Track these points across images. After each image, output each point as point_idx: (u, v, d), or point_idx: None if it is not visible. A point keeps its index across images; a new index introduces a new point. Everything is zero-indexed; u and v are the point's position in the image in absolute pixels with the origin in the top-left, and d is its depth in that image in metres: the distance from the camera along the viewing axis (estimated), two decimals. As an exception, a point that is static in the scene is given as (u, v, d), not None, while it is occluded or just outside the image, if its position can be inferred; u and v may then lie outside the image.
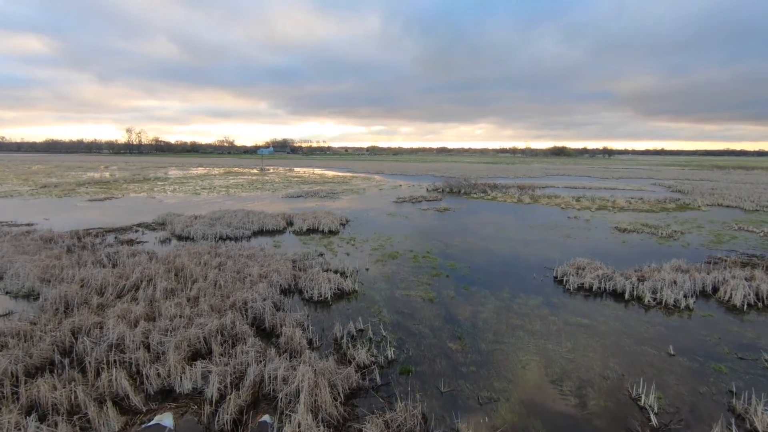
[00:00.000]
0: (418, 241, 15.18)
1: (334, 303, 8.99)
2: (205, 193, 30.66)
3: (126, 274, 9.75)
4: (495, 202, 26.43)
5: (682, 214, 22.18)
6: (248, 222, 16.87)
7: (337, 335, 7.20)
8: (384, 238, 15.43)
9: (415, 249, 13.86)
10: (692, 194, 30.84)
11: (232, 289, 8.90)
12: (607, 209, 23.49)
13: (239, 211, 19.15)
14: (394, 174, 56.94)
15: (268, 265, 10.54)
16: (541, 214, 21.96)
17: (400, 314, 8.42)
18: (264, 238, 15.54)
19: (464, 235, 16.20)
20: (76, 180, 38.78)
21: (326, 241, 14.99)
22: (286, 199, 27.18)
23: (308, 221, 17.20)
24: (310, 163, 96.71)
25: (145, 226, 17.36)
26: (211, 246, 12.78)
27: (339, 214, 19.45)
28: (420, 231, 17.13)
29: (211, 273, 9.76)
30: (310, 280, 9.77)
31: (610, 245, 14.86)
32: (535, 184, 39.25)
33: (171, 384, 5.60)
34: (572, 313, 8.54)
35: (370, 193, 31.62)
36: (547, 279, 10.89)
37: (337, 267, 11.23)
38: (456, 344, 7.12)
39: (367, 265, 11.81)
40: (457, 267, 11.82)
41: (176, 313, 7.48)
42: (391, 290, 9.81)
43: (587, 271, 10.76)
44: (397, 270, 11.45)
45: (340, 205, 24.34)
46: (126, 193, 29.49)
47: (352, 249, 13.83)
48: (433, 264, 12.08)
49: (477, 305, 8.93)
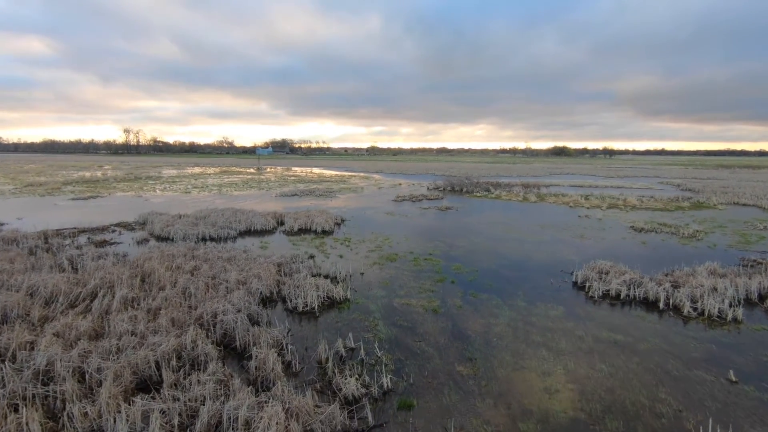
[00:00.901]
0: (419, 241, 13.90)
1: (322, 314, 7.71)
2: (196, 191, 29.38)
3: (84, 280, 8.46)
4: (499, 201, 25.15)
5: (699, 213, 20.89)
6: (235, 221, 15.59)
7: (321, 356, 5.91)
8: (382, 239, 14.14)
9: (416, 250, 12.57)
10: (704, 192, 29.54)
11: (203, 299, 7.61)
12: (618, 208, 22.21)
13: (227, 209, 17.87)
14: (394, 173, 55.65)
15: (248, 270, 9.25)
16: (549, 212, 20.67)
17: (399, 328, 7.13)
18: (251, 238, 14.26)
19: (469, 236, 14.92)
20: (64, 179, 37.50)
21: (318, 241, 13.71)
22: (280, 198, 25.90)
23: (300, 220, 15.91)
24: (309, 162, 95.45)
25: (124, 225, 16.08)
26: (188, 248, 11.50)
27: (334, 213, 18.17)
28: (421, 231, 15.85)
29: (181, 279, 8.46)
30: (296, 286, 8.48)
31: (629, 246, 13.57)
32: (540, 183, 37.97)
33: (101, 427, 4.31)
34: (602, 327, 7.25)
35: (368, 192, 30.33)
36: (565, 284, 9.60)
37: (328, 271, 9.94)
38: (467, 367, 5.83)
39: (362, 269, 10.53)
40: (464, 271, 10.53)
41: (128, 329, 6.19)
42: (389, 298, 8.52)
43: (612, 275, 9.47)
44: (396, 274, 10.17)
45: (336, 204, 23.06)
46: (113, 192, 28.20)
47: (347, 250, 12.55)
48: (436, 267, 10.80)
49: (489, 317, 7.64)
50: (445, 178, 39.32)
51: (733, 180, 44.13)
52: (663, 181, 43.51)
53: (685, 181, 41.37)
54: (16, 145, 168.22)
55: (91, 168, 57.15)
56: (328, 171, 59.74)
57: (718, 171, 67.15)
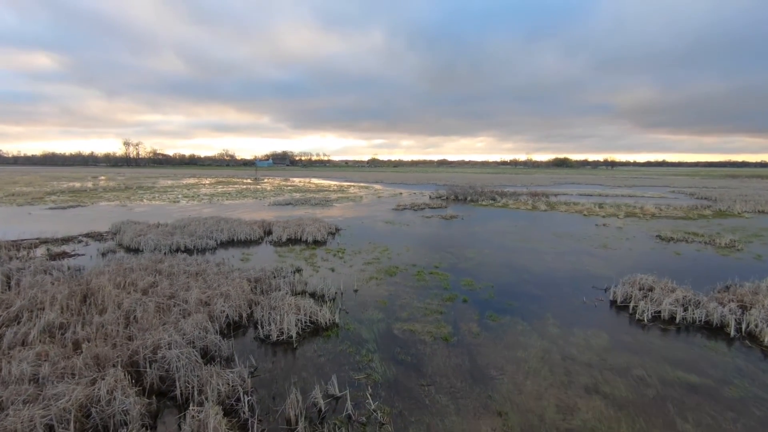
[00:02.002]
0: (423, 252, 12.25)
1: (303, 344, 6.03)
2: (186, 201, 27.84)
3: (9, 300, 6.81)
4: (507, 210, 23.52)
5: (726, 222, 19.23)
6: (217, 231, 13.97)
7: (290, 414, 4.22)
8: (380, 250, 12.50)
9: (420, 263, 10.92)
10: (723, 201, 27.92)
11: (148, 326, 5.94)
12: (636, 216, 20.56)
13: (210, 218, 16.27)
14: (394, 183, 54.20)
15: (217, 287, 7.60)
16: (562, 221, 19.03)
17: (400, 365, 5.45)
18: (234, 249, 12.63)
19: (478, 246, 13.26)
20: (51, 189, 36.05)
21: (309, 253, 12.06)
22: (273, 207, 24.31)
23: (289, 230, 14.29)
24: (308, 173, 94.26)
25: (93, 235, 14.47)
26: (154, 260, 9.85)
27: (328, 222, 16.55)
28: (424, 241, 14.20)
29: (129, 299, 6.80)
30: (271, 308, 6.82)
31: (661, 257, 11.90)
32: (547, 192, 36.42)
33: None
34: (664, 362, 5.55)
35: (367, 201, 28.76)
36: (602, 304, 7.92)
37: (315, 288, 8.28)
38: (495, 428, 4.14)
39: (357, 285, 8.86)
40: (477, 287, 8.86)
41: (27, 372, 4.51)
42: (388, 322, 6.85)
43: (658, 293, 7.79)
44: (397, 291, 8.50)
45: (332, 213, 21.45)
46: (97, 202, 26.66)
47: (340, 263, 10.89)
48: (444, 283, 9.12)
49: (516, 348, 5.95)
50: (447, 187, 37.81)
51: (746, 189, 42.54)
52: (674, 189, 41.94)
53: (697, 190, 39.79)
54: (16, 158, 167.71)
55: (84, 179, 55.80)
56: (327, 181, 58.34)
57: (726, 180, 65.64)
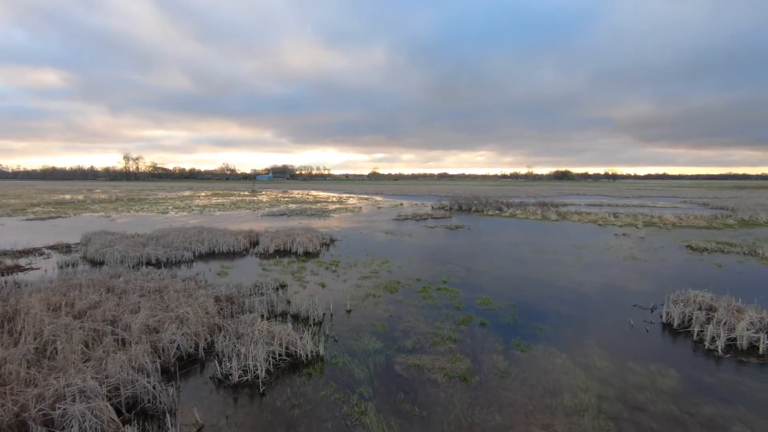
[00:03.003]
0: (428, 265, 10.74)
1: (272, 388, 4.50)
2: (175, 212, 26.41)
3: None
4: (515, 220, 22.03)
5: (754, 231, 17.73)
6: (196, 242, 12.49)
7: None
8: (379, 262, 10.99)
9: (425, 277, 9.40)
10: (742, 210, 26.42)
11: (65, 363, 4.41)
12: (656, 226, 19.06)
13: (193, 228, 14.79)
14: (395, 195, 52.86)
15: (175, 308, 6.08)
16: (577, 231, 17.53)
17: (404, 420, 3.90)
18: (214, 261, 11.14)
19: (491, 258, 11.75)
20: (39, 201, 34.71)
21: (298, 266, 10.56)
22: (266, 218, 22.86)
23: (278, 240, 12.81)
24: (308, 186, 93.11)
25: (60, 247, 13.01)
26: (110, 275, 8.35)
27: (323, 232, 15.07)
28: (429, 252, 12.70)
29: (49, 327, 5.28)
30: (235, 337, 5.29)
31: (701, 270, 10.38)
32: (555, 202, 34.98)
33: None
34: (765, 415, 4.00)
35: (367, 211, 27.30)
36: (653, 327, 6.38)
37: (299, 308, 6.77)
38: None
39: (350, 304, 7.33)
40: (494, 306, 7.32)
41: None
42: (387, 355, 5.31)
43: (722, 313, 6.26)
44: (398, 312, 6.97)
45: (328, 224, 19.98)
46: (81, 213, 25.25)
47: (332, 277, 9.38)
48: (455, 301, 7.59)
49: (559, 392, 4.41)
50: (450, 198, 36.41)
51: (758, 199, 41.07)
52: (684, 200, 40.48)
53: (709, 200, 38.33)
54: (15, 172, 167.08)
55: (78, 192, 54.52)
56: (326, 193, 57.02)
57: (733, 191, 64.22)
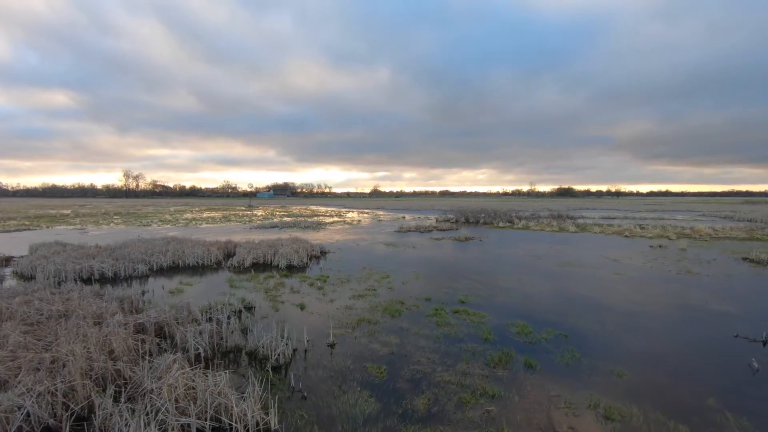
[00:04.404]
0: (438, 281, 8.59)
1: None
2: (158, 225, 24.38)
3: None
4: (530, 232, 19.89)
5: (807, 243, 15.54)
6: (159, 253, 10.40)
7: None
8: (377, 277, 8.86)
9: (436, 295, 7.26)
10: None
11: None
12: (691, 237, 16.90)
13: (160, 240, 12.71)
14: (396, 209, 50.81)
15: (60, 345, 3.94)
16: (604, 243, 15.38)
17: None
18: (177, 276, 9.05)
19: (514, 272, 9.60)
20: (19, 215, 32.83)
21: (275, 282, 8.44)
22: (256, 230, 20.79)
23: (257, 252, 10.73)
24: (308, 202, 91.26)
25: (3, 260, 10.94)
26: (9, 293, 6.23)
27: (314, 244, 12.96)
28: (438, 266, 10.56)
29: None
30: (134, 397, 3.14)
31: (785, 286, 8.20)
32: (569, 214, 32.86)
33: None
34: None
35: (366, 224, 25.21)
36: (791, 374, 4.20)
37: (258, 343, 4.63)
38: None
39: (334, 334, 5.18)
40: (538, 336, 5.16)
41: None
42: (385, 427, 3.14)
43: None
44: (402, 346, 4.81)
45: (322, 237, 17.89)
46: (54, 226, 23.24)
47: (316, 296, 7.24)
48: (481, 328, 5.43)
49: None
50: (454, 211, 34.33)
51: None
52: (702, 214, 38.31)
53: (730, 214, 36.17)
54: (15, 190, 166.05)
55: (69, 207, 52.67)
56: (325, 207, 55.07)
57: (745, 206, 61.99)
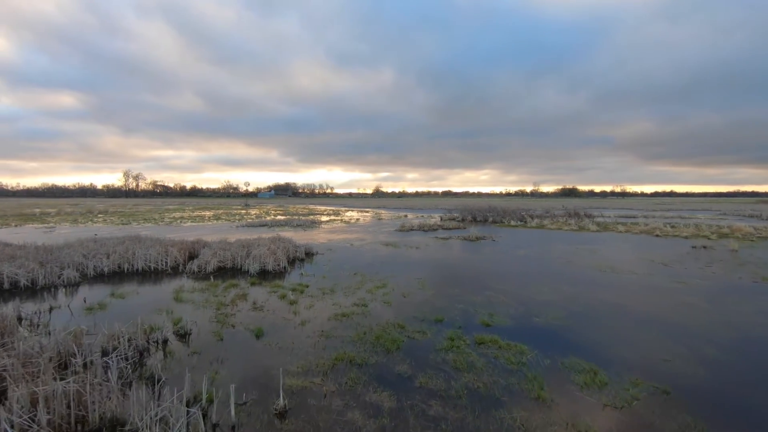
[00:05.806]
0: (449, 291, 6.59)
1: None
2: (140, 223, 22.47)
3: None
4: (546, 231, 17.85)
5: None
6: (101, 254, 8.45)
7: None
8: (371, 286, 6.87)
9: (449, 314, 5.26)
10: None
11: None
12: (732, 237, 14.82)
13: (113, 239, 10.76)
14: (399, 208, 48.79)
15: None
16: (635, 243, 13.33)
17: None
18: (116, 284, 7.09)
19: (545, 280, 7.59)
20: (0, 213, 31.06)
21: (237, 291, 6.47)
22: (242, 228, 18.84)
23: (224, 254, 8.75)
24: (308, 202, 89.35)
25: None
26: None
27: (300, 244, 10.99)
28: (447, 271, 8.55)
29: None
30: None
31: None
32: (587, 213, 30.75)
33: None
34: None
35: (364, 223, 23.21)
36: None
37: (148, 413, 2.63)
38: None
39: (285, 391, 3.18)
40: (617, 386, 3.14)
41: None
42: None
43: None
44: (400, 415, 2.81)
45: (313, 236, 15.92)
46: (23, 224, 21.37)
47: (283, 314, 5.26)
48: (523, 374, 3.43)
49: None
50: (460, 210, 32.30)
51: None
52: (722, 213, 36.12)
53: (753, 212, 33.98)
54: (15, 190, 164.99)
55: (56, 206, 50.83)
56: (324, 206, 53.10)
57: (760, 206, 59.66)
